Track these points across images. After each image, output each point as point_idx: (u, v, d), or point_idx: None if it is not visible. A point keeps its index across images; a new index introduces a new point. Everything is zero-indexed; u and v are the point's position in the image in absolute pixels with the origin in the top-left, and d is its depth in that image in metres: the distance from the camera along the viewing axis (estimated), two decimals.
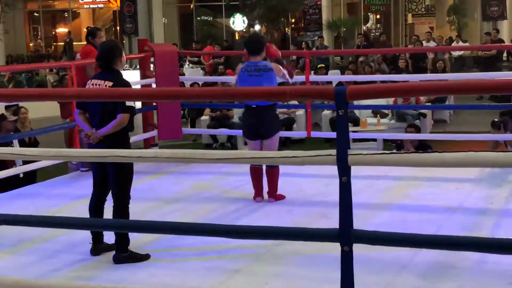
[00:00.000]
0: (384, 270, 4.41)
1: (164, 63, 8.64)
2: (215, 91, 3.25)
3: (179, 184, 7.27)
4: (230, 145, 13.32)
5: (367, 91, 2.84)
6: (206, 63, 20.70)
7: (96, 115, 4.86)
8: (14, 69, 19.44)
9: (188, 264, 4.76)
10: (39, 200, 6.69)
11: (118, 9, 29.17)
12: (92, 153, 3.64)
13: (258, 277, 4.45)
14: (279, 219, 5.52)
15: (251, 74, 6.18)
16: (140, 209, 4.95)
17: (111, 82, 4.79)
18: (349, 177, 2.83)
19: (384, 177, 6.92)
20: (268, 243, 4.80)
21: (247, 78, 6.20)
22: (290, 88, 2.91)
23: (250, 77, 6.18)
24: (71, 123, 7.81)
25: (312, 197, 6.46)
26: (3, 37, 28.38)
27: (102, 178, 4.90)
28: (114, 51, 4.94)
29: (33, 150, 3.93)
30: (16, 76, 20.66)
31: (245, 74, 6.21)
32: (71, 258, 4.91)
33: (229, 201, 6.49)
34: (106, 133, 4.78)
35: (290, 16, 29.53)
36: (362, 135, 11.47)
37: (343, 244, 2.88)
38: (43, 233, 5.30)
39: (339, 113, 2.77)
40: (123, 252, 4.77)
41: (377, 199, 6.22)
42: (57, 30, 35.92)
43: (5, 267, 4.31)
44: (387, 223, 5.20)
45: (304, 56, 9.48)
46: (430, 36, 20.29)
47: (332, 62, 21.46)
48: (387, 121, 13.22)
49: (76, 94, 4.20)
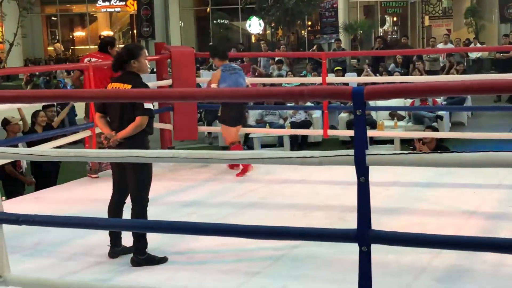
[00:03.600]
0: (402, 273, 4.37)
1: (181, 65, 8.67)
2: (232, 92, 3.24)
3: (196, 187, 7.28)
4: (246, 147, 13.33)
5: (385, 91, 2.81)
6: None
7: (115, 118, 4.87)
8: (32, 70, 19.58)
9: (206, 266, 4.75)
10: (59, 202, 6.72)
11: (135, 12, 29.33)
12: (110, 153, 3.64)
13: (276, 279, 4.44)
14: (296, 222, 5.50)
15: (231, 73, 7.69)
16: (156, 212, 4.96)
17: (130, 85, 4.80)
18: (367, 177, 2.81)
19: (401, 180, 6.88)
20: (285, 245, 4.79)
21: (229, 76, 7.66)
22: (308, 89, 2.90)
23: (231, 75, 7.68)
24: (88, 125, 7.84)
25: (328, 201, 6.43)
26: (21, 41, 28.58)
27: (121, 180, 4.92)
28: (133, 54, 4.95)
29: (52, 150, 3.95)
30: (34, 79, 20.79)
31: (227, 73, 7.67)
32: (89, 260, 4.93)
33: (245, 204, 6.48)
34: (124, 135, 4.79)
35: (306, 19, 29.53)
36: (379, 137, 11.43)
37: (361, 244, 2.86)
38: (61, 235, 5.32)
39: (357, 113, 2.75)
40: (141, 255, 4.77)
41: (394, 202, 6.18)
42: (74, 33, 36.15)
43: (24, 269, 4.33)
44: (405, 226, 5.17)
45: (321, 58, 9.46)
46: (448, 38, 20.17)
47: (348, 64, 21.41)
48: (404, 123, 13.16)
49: (92, 95, 4.21)
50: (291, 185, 7.10)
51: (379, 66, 17.88)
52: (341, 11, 25.83)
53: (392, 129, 12.44)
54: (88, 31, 34.68)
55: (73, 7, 35.76)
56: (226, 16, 31.78)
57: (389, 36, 29.60)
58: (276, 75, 17.24)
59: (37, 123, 9.23)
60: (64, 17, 35.51)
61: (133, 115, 4.78)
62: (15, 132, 8.91)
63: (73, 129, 8.72)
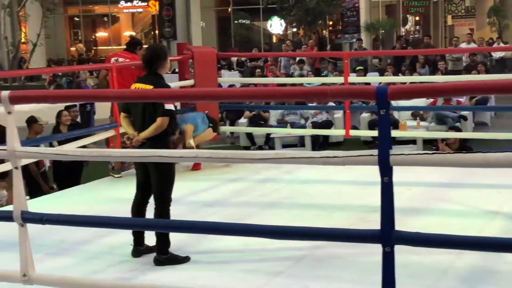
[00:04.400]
0: (424, 274, 4.35)
1: (203, 65, 8.69)
2: (254, 92, 3.25)
3: (217, 187, 7.29)
4: (267, 148, 13.33)
5: (408, 90, 2.80)
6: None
7: (138, 119, 4.92)
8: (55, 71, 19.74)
9: (228, 266, 4.76)
10: (82, 201, 6.77)
11: (157, 13, 29.47)
12: (134, 153, 3.67)
13: (299, 279, 4.43)
14: (318, 222, 5.49)
15: None
16: (179, 211, 4.98)
17: (151, 85, 4.83)
18: (390, 178, 2.80)
19: (423, 180, 6.83)
20: (308, 246, 4.78)
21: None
22: (331, 88, 2.90)
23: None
24: (111, 124, 7.88)
25: (350, 200, 6.41)
26: (44, 42, 28.86)
27: (144, 180, 4.95)
28: (159, 55, 5.00)
29: (76, 150, 3.99)
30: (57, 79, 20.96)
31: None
32: (112, 259, 4.96)
33: (267, 204, 6.49)
34: (146, 136, 4.83)
35: (328, 18, 29.45)
36: (401, 136, 11.35)
37: (385, 245, 2.85)
38: (84, 235, 5.36)
39: (381, 113, 2.74)
40: (164, 254, 4.79)
41: (416, 203, 6.14)
42: (97, 34, 36.39)
43: (48, 268, 4.36)
44: (427, 227, 5.13)
45: (343, 57, 9.43)
46: (471, 37, 20.01)
47: (370, 64, 21.33)
48: (426, 123, 13.08)
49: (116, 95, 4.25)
50: (313, 185, 7.09)
51: (401, 66, 17.79)
52: (363, 11, 25.73)
53: (415, 129, 12.36)
54: (111, 32, 34.90)
55: (95, 8, 36.00)
56: (247, 16, 31.80)
57: (411, 35, 29.40)
58: (298, 75, 17.22)
59: (61, 123, 9.30)
60: (86, 17, 35.75)
61: (155, 115, 4.82)
62: (38, 132, 8.98)
63: (97, 129, 8.77)
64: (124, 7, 34.05)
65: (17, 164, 3.57)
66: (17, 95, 3.62)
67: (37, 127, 8.99)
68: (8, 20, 28.46)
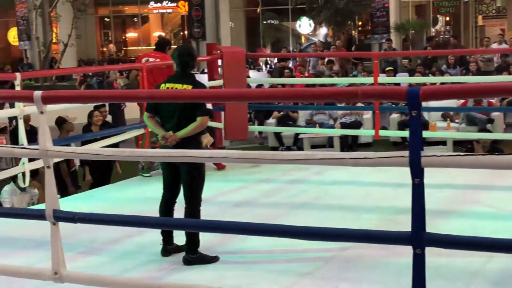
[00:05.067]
0: (455, 277, 4.32)
1: (232, 65, 8.70)
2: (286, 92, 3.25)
3: (246, 188, 7.30)
4: (296, 148, 13.31)
5: (440, 91, 2.78)
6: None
7: (171, 118, 4.88)
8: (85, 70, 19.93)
9: (256, 266, 4.77)
10: (112, 200, 6.83)
11: (186, 13, 29.56)
12: (164, 153, 3.69)
13: (327, 281, 4.43)
14: (346, 223, 5.45)
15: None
16: (207, 212, 4.99)
17: (190, 85, 4.86)
18: (422, 179, 2.78)
19: (455, 182, 6.77)
20: (336, 247, 4.76)
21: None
22: (362, 89, 2.88)
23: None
24: (142, 124, 7.93)
25: (379, 202, 6.38)
26: (75, 42, 29.13)
27: (173, 179, 4.97)
28: (193, 56, 5.07)
29: (108, 150, 4.03)
30: (87, 79, 21.16)
31: None
32: (141, 258, 5.00)
33: (295, 204, 6.48)
34: (185, 135, 4.82)
35: (357, 18, 29.31)
36: (431, 137, 11.25)
37: (415, 247, 2.83)
38: (114, 233, 5.41)
39: (412, 114, 2.72)
40: (193, 254, 4.81)
41: (447, 205, 6.09)
42: (126, 34, 36.65)
43: (78, 266, 4.41)
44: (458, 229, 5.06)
45: (373, 58, 9.37)
46: (502, 38, 19.74)
47: (400, 65, 21.16)
48: (457, 124, 12.95)
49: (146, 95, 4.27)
50: (342, 186, 7.07)
51: (431, 66, 17.62)
52: (393, 11, 25.53)
53: (445, 130, 12.25)
54: (140, 32, 35.10)
55: (125, 9, 36.24)
56: (276, 17, 31.76)
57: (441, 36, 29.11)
58: (327, 75, 17.18)
59: (93, 123, 9.37)
60: (117, 18, 36.01)
61: (192, 115, 4.81)
62: (69, 130, 9.08)
63: (127, 128, 8.83)
64: (153, 8, 34.21)
65: (49, 163, 3.61)
66: (49, 95, 3.66)
67: (68, 126, 9.08)
68: (39, 21, 28.79)
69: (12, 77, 6.77)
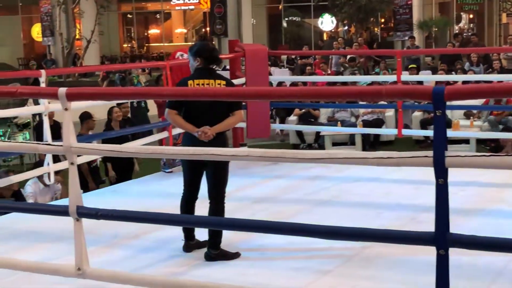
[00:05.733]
0: (478, 276, 4.28)
1: (255, 63, 8.70)
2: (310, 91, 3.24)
3: (266, 184, 7.30)
4: (317, 146, 13.28)
5: (466, 91, 2.75)
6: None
7: (204, 114, 4.82)
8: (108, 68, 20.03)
9: (277, 263, 4.77)
10: (133, 197, 6.86)
11: (208, 10, 29.60)
12: (187, 151, 3.70)
13: (347, 279, 4.42)
14: (367, 222, 5.44)
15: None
16: (227, 208, 5.01)
17: (224, 81, 4.92)
18: (446, 179, 2.76)
19: (476, 181, 6.71)
20: (356, 245, 4.74)
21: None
22: (386, 88, 2.87)
23: None
24: (165, 122, 7.96)
25: (400, 200, 6.35)
26: (98, 38, 29.31)
27: (194, 177, 4.98)
28: (218, 53, 5.12)
29: (131, 147, 4.05)
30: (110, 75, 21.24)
31: None
32: (163, 254, 5.02)
33: (316, 202, 6.47)
34: (223, 129, 4.84)
35: (379, 16, 29.16)
36: (455, 136, 11.14)
37: (439, 248, 2.81)
38: (136, 229, 5.43)
39: (437, 114, 2.70)
40: (215, 250, 4.83)
41: (469, 204, 6.04)
42: (149, 31, 36.80)
43: (100, 261, 4.43)
44: (481, 229, 5.03)
45: (396, 56, 9.31)
46: None
47: (423, 62, 21.03)
48: (480, 123, 12.83)
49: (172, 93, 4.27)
50: (363, 184, 7.05)
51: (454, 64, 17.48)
52: (416, 8, 25.36)
53: (468, 128, 12.14)
54: (163, 29, 35.23)
55: (148, 5, 36.39)
56: (298, 13, 31.69)
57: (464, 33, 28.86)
58: (350, 73, 17.11)
59: (113, 120, 9.41)
60: (139, 15, 36.18)
61: (227, 110, 4.82)
62: (90, 128, 9.09)
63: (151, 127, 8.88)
64: (176, 4, 34.32)
65: (73, 160, 3.64)
66: (73, 92, 3.68)
67: (90, 123, 9.11)
68: (63, 17, 29.00)
69: (37, 74, 6.84)
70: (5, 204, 5.36)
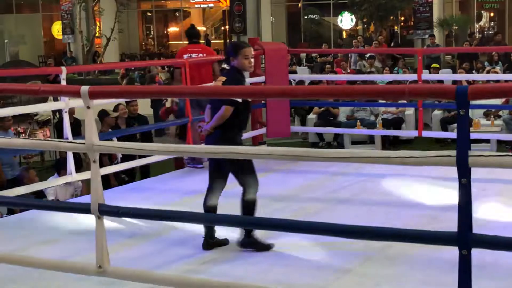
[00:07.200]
0: (500, 276, 4.26)
1: (274, 62, 8.69)
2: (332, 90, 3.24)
3: (286, 182, 7.30)
4: (336, 144, 13.24)
5: (489, 90, 2.74)
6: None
7: (210, 109, 5.12)
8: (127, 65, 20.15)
9: (298, 261, 4.76)
10: (154, 194, 6.88)
11: (228, 8, 29.65)
12: (210, 149, 3.71)
13: (369, 278, 4.40)
14: (388, 221, 5.43)
15: None
16: None
17: (225, 77, 5.10)
18: (469, 179, 2.74)
19: (498, 180, 6.67)
20: (378, 244, 4.73)
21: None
22: (409, 87, 2.86)
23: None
24: (184, 120, 7.97)
25: (421, 198, 6.32)
26: (117, 36, 29.47)
27: (219, 174, 5.02)
28: (230, 52, 5.18)
29: (152, 145, 4.07)
30: (129, 73, 21.35)
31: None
32: (183, 252, 5.03)
33: (337, 200, 6.46)
34: (212, 125, 4.95)
35: (399, 14, 29.03)
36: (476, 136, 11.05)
37: (462, 248, 2.79)
38: (157, 226, 5.46)
39: (460, 113, 2.69)
40: (248, 237, 4.91)
41: (491, 203, 6.01)
42: (168, 29, 36.92)
43: (121, 258, 4.45)
44: (503, 228, 5.02)
45: (417, 54, 9.26)
46: None
47: (443, 61, 20.91)
48: (500, 122, 12.72)
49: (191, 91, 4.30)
50: (384, 182, 7.03)
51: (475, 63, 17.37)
52: (436, 6, 25.23)
53: (489, 128, 12.04)
54: (182, 27, 35.30)
55: (167, 3, 36.53)
56: (317, 12, 31.64)
57: (485, 32, 28.66)
58: (368, 71, 17.02)
59: (119, 117, 9.37)
60: (159, 12, 36.32)
61: (219, 106, 4.92)
62: (110, 125, 9.13)
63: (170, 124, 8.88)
64: (195, 2, 34.42)
65: (95, 158, 3.66)
66: (96, 91, 3.70)
67: (109, 120, 9.15)
68: (83, 15, 29.20)
69: (58, 71, 6.89)
70: (29, 202, 5.41)
